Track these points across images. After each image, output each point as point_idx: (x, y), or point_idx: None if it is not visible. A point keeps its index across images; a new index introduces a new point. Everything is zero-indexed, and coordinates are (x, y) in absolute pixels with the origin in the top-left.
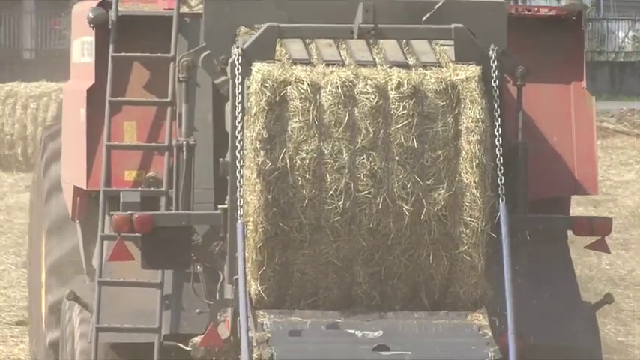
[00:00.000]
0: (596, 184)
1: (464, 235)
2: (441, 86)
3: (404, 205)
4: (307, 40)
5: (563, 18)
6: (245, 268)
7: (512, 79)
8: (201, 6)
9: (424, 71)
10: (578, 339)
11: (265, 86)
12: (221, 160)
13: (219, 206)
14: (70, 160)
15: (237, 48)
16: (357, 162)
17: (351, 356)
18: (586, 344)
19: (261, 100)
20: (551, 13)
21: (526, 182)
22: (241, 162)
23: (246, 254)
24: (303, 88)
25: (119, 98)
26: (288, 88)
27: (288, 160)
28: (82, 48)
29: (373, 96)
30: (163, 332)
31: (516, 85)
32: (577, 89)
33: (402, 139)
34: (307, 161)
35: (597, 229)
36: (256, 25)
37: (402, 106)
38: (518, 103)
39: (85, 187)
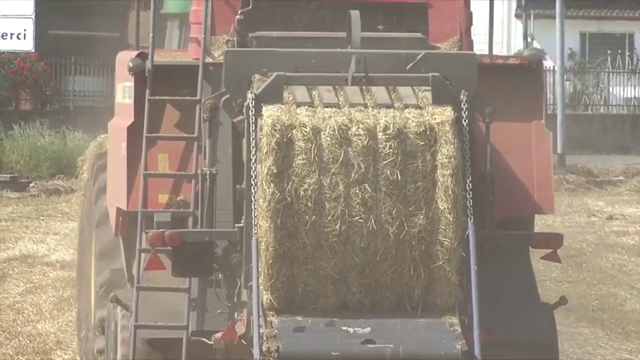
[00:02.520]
0: (552, 205)
1: (439, 253)
2: (421, 129)
3: (390, 228)
4: (310, 86)
5: (526, 65)
6: (258, 276)
7: (481, 117)
8: (222, 57)
9: (407, 116)
10: (537, 335)
11: (275, 129)
12: (238, 186)
13: (237, 225)
14: (114, 185)
15: (252, 93)
16: (351, 192)
17: (344, 348)
18: (543, 340)
19: (271, 141)
20: (515, 62)
21: (493, 204)
22: (255, 189)
23: (260, 269)
24: (306, 131)
25: (154, 134)
26: (294, 131)
27: (293, 192)
28: (124, 91)
29: (364, 137)
30: (190, 329)
31: (485, 123)
32: (537, 126)
33: (389, 173)
34: (309, 192)
35: (551, 242)
36: (268, 74)
37: (388, 146)
38: (487, 137)
39: (125, 208)
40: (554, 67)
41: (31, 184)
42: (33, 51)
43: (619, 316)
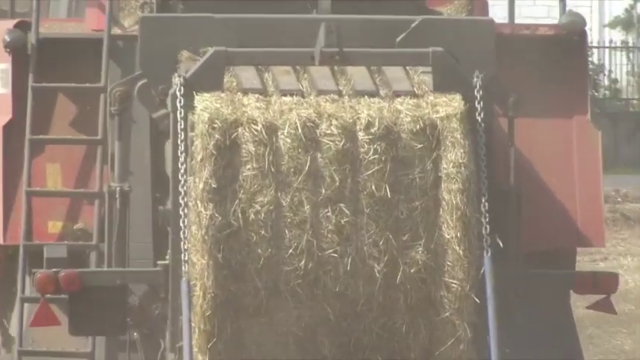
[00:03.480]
0: (602, 234)
1: (445, 300)
2: (418, 126)
3: (375, 266)
4: (261, 67)
5: (564, 38)
6: (191, 334)
7: (503, 110)
8: (136, 27)
9: (398, 107)
10: None
11: (214, 128)
12: (161, 207)
13: (159, 262)
14: None
15: (179, 77)
16: (320, 215)
17: None
18: None
19: (208, 145)
20: (549, 33)
21: (518, 233)
22: (185, 210)
23: (193, 324)
24: (257, 130)
25: (41, 136)
26: (240, 129)
27: (240, 214)
28: None
29: (339, 138)
30: None
31: (508, 117)
32: (580, 123)
33: (373, 188)
34: (262, 215)
35: (602, 285)
36: (201, 50)
37: (372, 150)
38: (510, 138)
39: (1, 242)
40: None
41: None
42: None
43: None
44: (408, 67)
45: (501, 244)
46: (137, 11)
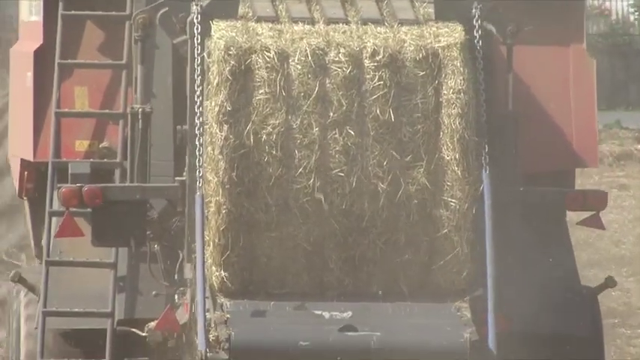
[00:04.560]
0: (596, 156)
1: (444, 217)
2: (421, 55)
3: (380, 184)
4: None
5: None
6: (203, 242)
7: (502, 38)
8: None
9: (403, 37)
10: (576, 327)
11: (229, 54)
12: (179, 127)
13: (177, 178)
14: (17, 130)
15: (197, 5)
16: (328, 137)
17: (315, 337)
18: (584, 333)
19: (224, 70)
20: None
21: (517, 154)
22: (200, 130)
23: (208, 238)
24: (269, 57)
25: (69, 61)
26: (254, 56)
27: (252, 136)
28: (30, 5)
29: (346, 65)
30: (117, 317)
31: (506, 45)
32: (577, 52)
33: (378, 112)
34: (274, 136)
35: (591, 203)
36: None
37: (377, 77)
38: (509, 64)
39: (31, 159)
40: None
41: None
42: None
43: None
44: None
45: (500, 165)
46: None
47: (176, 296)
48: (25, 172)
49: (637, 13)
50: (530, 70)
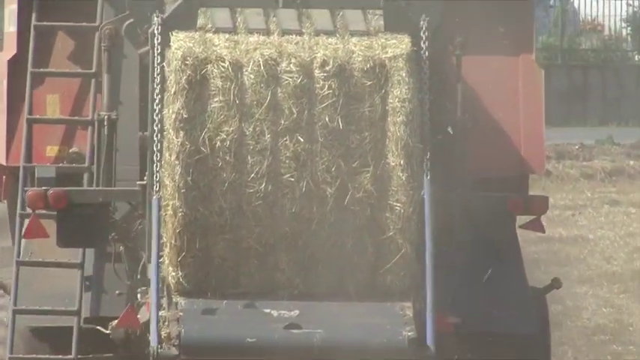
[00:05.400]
0: (543, 162)
1: (389, 221)
2: (369, 65)
3: (328, 189)
4: (235, 9)
5: None
6: (159, 243)
7: (451, 49)
8: None
9: (352, 48)
10: (523, 326)
11: (186, 64)
12: (140, 133)
13: (138, 182)
14: None
15: (158, 16)
16: (279, 144)
17: (261, 334)
18: (531, 332)
19: (181, 79)
20: None
21: (465, 160)
22: (158, 137)
23: (165, 240)
24: (224, 67)
25: (41, 69)
26: (209, 66)
27: (208, 142)
28: (10, 16)
29: (297, 75)
30: (83, 315)
31: (455, 56)
32: (526, 62)
33: (327, 119)
34: (228, 143)
35: (533, 208)
36: None
37: (327, 86)
38: (458, 74)
39: (5, 163)
40: None
41: None
42: None
43: None
44: (367, 11)
45: (448, 170)
46: None
47: (139, 295)
48: (3, 176)
49: (630, 29)
50: (482, 79)
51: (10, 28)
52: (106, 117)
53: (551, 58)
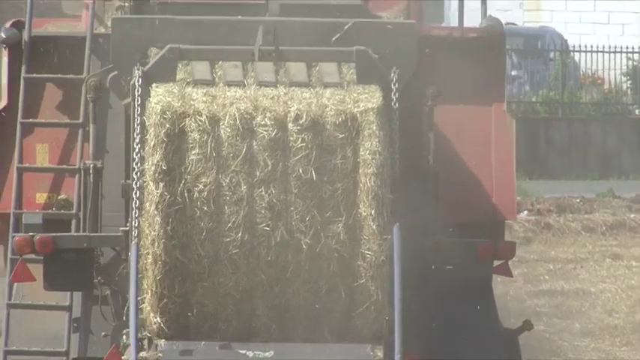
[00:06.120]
0: (514, 209)
1: (362, 268)
2: (341, 119)
3: (302, 238)
4: (215, 62)
5: (485, 39)
6: (137, 286)
7: (423, 100)
8: None
9: (325, 102)
10: None
11: (165, 118)
12: (122, 182)
13: (121, 228)
14: None
15: (138, 69)
16: (255, 194)
17: None
18: None
19: (160, 132)
20: (472, 35)
21: (437, 207)
22: (137, 184)
23: (146, 286)
24: (201, 121)
25: (31, 120)
26: (187, 120)
27: (186, 193)
28: (2, 69)
29: (272, 128)
30: (71, 356)
31: (427, 107)
32: (498, 111)
33: (301, 171)
34: (205, 193)
35: (501, 253)
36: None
37: (300, 139)
38: (429, 125)
39: None
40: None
41: None
42: None
43: None
44: (342, 64)
45: (421, 217)
46: (116, 12)
47: (124, 337)
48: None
49: (630, 82)
50: (455, 128)
51: (3, 79)
52: (91, 165)
53: (552, 112)
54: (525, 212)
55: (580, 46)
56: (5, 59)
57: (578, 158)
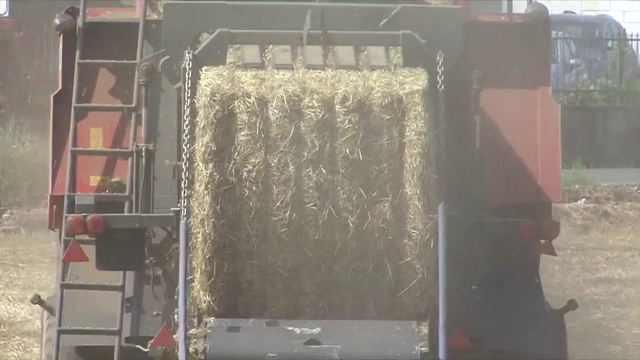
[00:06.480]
0: (559, 191)
1: (407, 247)
2: (387, 100)
3: (349, 217)
4: (265, 46)
5: (531, 25)
6: (187, 265)
7: (469, 83)
8: None
9: (372, 85)
10: (540, 347)
11: (214, 100)
12: (172, 162)
13: (172, 209)
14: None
15: (189, 53)
16: (303, 174)
17: (282, 350)
18: (548, 353)
19: (209, 114)
20: (518, 21)
21: (483, 189)
22: (186, 164)
23: (196, 265)
24: (250, 103)
25: (84, 104)
26: (236, 102)
27: (235, 173)
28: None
29: (319, 110)
30: (124, 335)
31: (473, 90)
32: (543, 96)
33: (348, 151)
34: (254, 174)
35: (545, 232)
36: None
37: (347, 120)
38: (475, 108)
39: (50, 192)
40: None
41: (4, 215)
42: (6, 15)
43: None
44: (389, 48)
45: (468, 198)
46: None
47: (175, 316)
48: (54, 206)
49: None
50: (501, 112)
51: (58, 66)
52: (144, 148)
53: (610, 100)
54: (583, 200)
55: (638, 35)
56: (60, 46)
57: (635, 146)
